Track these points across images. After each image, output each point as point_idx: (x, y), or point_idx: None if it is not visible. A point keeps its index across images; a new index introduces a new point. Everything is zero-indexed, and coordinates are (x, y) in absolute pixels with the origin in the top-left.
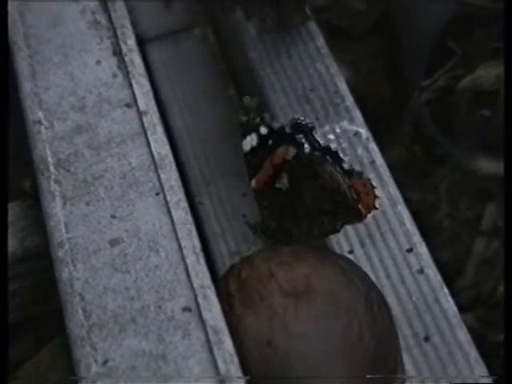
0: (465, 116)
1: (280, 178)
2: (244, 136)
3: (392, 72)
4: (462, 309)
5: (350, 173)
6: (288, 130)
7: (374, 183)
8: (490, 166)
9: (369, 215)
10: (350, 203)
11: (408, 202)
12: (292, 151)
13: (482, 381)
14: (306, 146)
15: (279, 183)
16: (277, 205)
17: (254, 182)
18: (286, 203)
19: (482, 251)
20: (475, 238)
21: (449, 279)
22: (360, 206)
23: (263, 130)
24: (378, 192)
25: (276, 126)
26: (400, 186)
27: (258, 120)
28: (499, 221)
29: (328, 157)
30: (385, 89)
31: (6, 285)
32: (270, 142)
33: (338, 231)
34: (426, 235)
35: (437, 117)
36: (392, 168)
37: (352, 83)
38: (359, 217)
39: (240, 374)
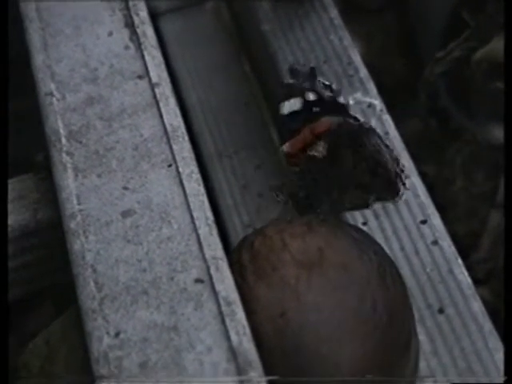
0: (480, 88)
1: (317, 145)
2: (286, 98)
3: (406, 46)
4: (476, 282)
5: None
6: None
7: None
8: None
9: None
10: (392, 178)
11: (423, 175)
12: (339, 121)
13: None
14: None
15: (316, 151)
16: (309, 173)
17: (287, 146)
18: (319, 172)
19: (497, 224)
20: (490, 211)
21: (464, 252)
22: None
23: (311, 96)
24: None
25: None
26: (415, 159)
27: (306, 85)
28: None
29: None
30: (399, 62)
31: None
32: (316, 109)
33: (368, 207)
34: (441, 208)
35: (452, 89)
36: (407, 141)
37: (366, 57)
38: (396, 195)
39: (252, 346)
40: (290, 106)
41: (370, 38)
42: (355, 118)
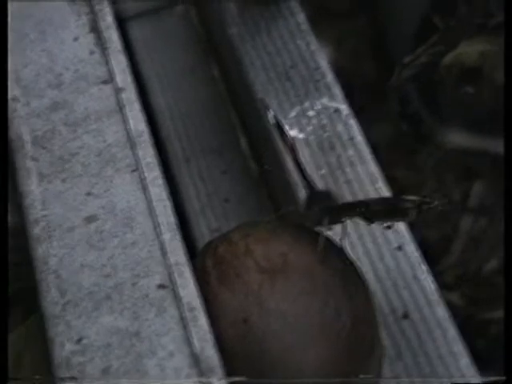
0: (450, 93)
1: None
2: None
3: (378, 49)
4: (447, 287)
5: None
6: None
7: None
8: (474, 142)
9: None
10: None
11: (393, 180)
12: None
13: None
14: None
15: None
16: None
17: None
18: None
19: (469, 229)
20: (462, 216)
21: (435, 258)
22: None
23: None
24: None
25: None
26: (385, 163)
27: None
28: (486, 198)
29: None
30: (370, 66)
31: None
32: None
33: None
34: None
35: (423, 94)
36: (377, 145)
37: (336, 61)
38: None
39: (215, 352)
40: None
41: (341, 42)
42: None
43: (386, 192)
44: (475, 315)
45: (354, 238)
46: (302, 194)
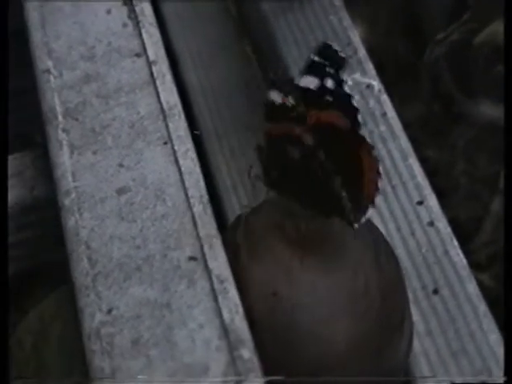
0: (482, 72)
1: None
2: (306, 73)
3: (411, 28)
4: (478, 267)
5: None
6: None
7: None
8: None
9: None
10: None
11: (425, 159)
12: (345, 124)
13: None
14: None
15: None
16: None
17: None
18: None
19: (500, 209)
20: (493, 196)
21: (466, 237)
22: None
23: (329, 83)
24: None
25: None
26: (416, 142)
27: (331, 71)
28: None
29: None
30: (403, 45)
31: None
32: (329, 99)
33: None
34: (443, 193)
35: (454, 72)
36: (409, 125)
37: (369, 39)
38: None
39: (244, 324)
40: (306, 82)
41: (374, 20)
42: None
43: (417, 168)
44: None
45: (386, 213)
46: None
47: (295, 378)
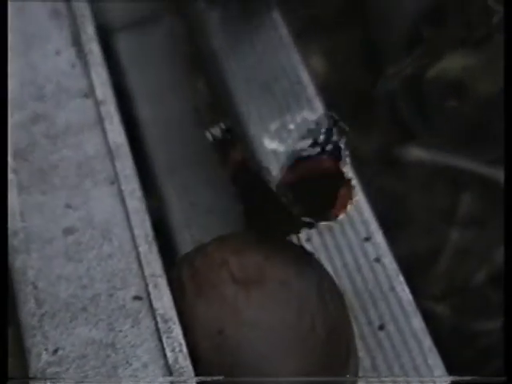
0: (435, 106)
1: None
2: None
3: (369, 60)
4: (435, 298)
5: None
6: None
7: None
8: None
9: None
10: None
11: (381, 190)
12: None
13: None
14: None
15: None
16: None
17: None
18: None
19: (457, 240)
20: (450, 228)
21: (423, 268)
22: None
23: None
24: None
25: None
26: (373, 173)
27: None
28: (474, 210)
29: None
30: (361, 76)
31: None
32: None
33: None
34: (399, 224)
35: (410, 105)
36: (367, 155)
37: (326, 73)
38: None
39: (188, 363)
40: (301, 145)
41: (331, 54)
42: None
43: (364, 205)
44: (462, 326)
45: (333, 249)
46: None
47: None
